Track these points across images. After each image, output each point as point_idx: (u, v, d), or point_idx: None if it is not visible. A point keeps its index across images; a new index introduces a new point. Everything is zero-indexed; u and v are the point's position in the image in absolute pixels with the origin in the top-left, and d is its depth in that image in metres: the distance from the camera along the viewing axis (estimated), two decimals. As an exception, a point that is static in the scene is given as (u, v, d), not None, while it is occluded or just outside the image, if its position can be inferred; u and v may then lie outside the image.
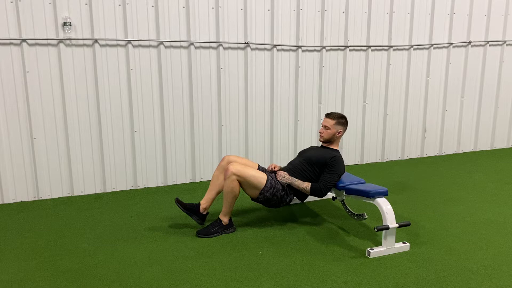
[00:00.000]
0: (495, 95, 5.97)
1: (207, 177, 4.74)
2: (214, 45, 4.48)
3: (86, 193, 4.32)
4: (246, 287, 2.63)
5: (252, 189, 3.33)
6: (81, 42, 4.05)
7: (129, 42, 4.19)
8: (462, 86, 5.76)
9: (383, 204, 3.07)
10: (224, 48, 4.52)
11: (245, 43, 4.58)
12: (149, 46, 4.28)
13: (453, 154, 5.90)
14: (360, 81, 5.22)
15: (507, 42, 5.83)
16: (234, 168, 3.25)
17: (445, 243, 3.20)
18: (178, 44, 4.36)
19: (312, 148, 3.73)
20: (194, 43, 4.39)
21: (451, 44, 5.54)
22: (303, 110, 5.00)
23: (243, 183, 3.29)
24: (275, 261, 2.94)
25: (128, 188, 4.47)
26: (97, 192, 4.36)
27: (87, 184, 4.31)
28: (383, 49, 5.25)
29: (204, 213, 3.46)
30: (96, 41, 4.08)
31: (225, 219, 3.37)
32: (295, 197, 3.52)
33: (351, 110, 5.22)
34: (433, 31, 5.41)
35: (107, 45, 4.14)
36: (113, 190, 4.41)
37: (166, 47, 4.32)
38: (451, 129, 5.84)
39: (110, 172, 4.36)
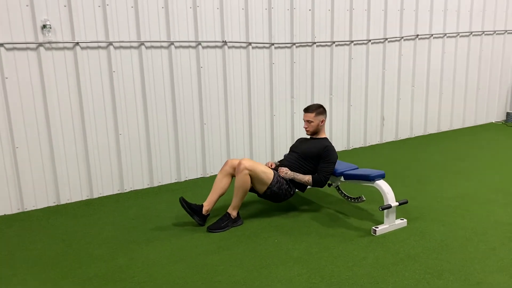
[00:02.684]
0: (439, 83, 6.59)
1: (192, 175, 4.79)
2: (193, 44, 4.53)
3: (73, 201, 4.19)
4: (278, 272, 2.79)
5: (261, 184, 3.48)
6: (61, 45, 3.92)
7: (110, 43, 4.11)
8: (412, 76, 6.29)
9: (383, 185, 3.36)
10: (203, 47, 4.59)
11: (222, 41, 4.67)
12: (131, 47, 4.23)
13: (407, 138, 6.42)
14: (326, 75, 5.52)
15: (447, 35, 6.45)
16: (247, 163, 3.38)
17: (434, 217, 3.58)
18: (158, 44, 4.36)
19: (301, 141, 3.93)
20: (174, 42, 4.41)
21: (402, 37, 6.03)
22: (278, 105, 5.20)
23: (253, 178, 3.43)
24: (293, 247, 3.12)
25: (115, 193, 4.39)
26: (84, 198, 4.24)
27: (73, 191, 4.18)
28: (345, 44, 5.59)
29: (206, 214, 3.54)
30: (77, 43, 3.96)
31: (234, 213, 3.49)
32: (297, 189, 3.73)
33: (320, 103, 5.49)
34: (387, 26, 5.85)
35: (88, 47, 4.04)
36: (100, 195, 4.31)
37: (147, 47, 4.30)
38: (405, 116, 6.35)
39: (96, 177, 4.26)
